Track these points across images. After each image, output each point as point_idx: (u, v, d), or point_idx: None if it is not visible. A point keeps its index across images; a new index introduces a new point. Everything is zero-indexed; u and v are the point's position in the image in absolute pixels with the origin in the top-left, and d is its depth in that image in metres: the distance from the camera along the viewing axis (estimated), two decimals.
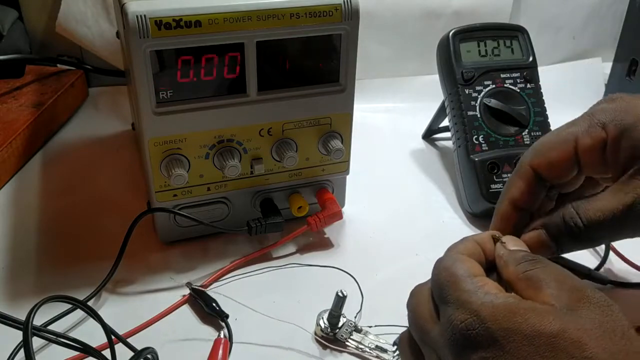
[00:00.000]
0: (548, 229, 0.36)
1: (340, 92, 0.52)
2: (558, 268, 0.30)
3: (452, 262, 0.32)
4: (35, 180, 0.64)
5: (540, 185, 0.37)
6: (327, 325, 0.45)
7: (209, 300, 0.47)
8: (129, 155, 0.68)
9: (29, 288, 0.50)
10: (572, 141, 0.36)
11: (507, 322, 0.27)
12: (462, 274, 0.30)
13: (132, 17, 0.43)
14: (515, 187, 0.37)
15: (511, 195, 0.38)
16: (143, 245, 0.54)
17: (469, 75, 0.62)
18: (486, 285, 0.29)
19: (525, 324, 0.27)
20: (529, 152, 0.38)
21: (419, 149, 0.73)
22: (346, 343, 0.45)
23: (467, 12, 0.82)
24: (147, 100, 0.47)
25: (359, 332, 0.46)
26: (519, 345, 0.26)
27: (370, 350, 0.44)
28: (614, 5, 0.89)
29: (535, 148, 0.38)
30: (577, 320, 0.27)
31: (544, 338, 0.26)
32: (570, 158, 0.36)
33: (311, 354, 0.45)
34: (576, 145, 0.36)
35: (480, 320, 0.27)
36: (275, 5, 0.46)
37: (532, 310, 0.27)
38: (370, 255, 0.55)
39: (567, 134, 0.36)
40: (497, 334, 0.27)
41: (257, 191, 0.55)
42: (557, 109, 0.65)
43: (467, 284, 0.29)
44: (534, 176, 0.37)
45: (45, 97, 0.72)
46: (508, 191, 0.38)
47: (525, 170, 0.37)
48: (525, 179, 0.37)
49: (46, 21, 0.80)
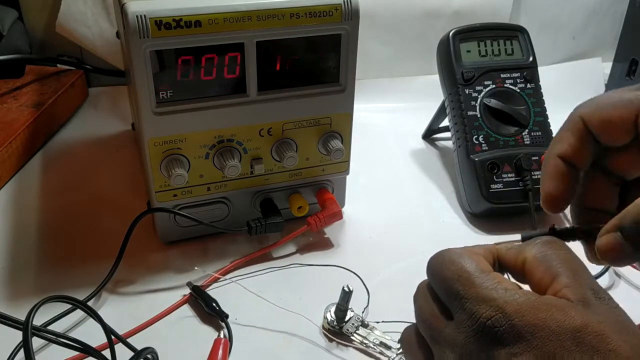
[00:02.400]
0: (624, 230, 0.31)
1: (340, 92, 0.52)
2: (574, 257, 0.30)
3: (458, 256, 0.31)
4: (35, 180, 0.64)
5: (591, 141, 0.33)
6: (333, 318, 0.46)
7: (209, 300, 0.47)
8: (129, 155, 0.68)
9: (29, 288, 0.50)
10: (637, 104, 0.32)
11: (533, 318, 0.27)
12: (472, 269, 0.30)
13: (132, 17, 0.43)
14: (563, 140, 0.33)
15: (558, 150, 0.33)
16: (143, 245, 0.54)
17: (469, 75, 0.62)
18: (504, 282, 0.29)
19: (550, 319, 0.27)
20: (582, 104, 0.34)
21: (419, 149, 0.73)
22: (352, 337, 0.45)
23: (467, 12, 0.82)
24: (147, 100, 0.47)
25: (365, 327, 0.46)
26: (545, 340, 0.26)
27: (375, 346, 0.45)
28: (614, 5, 0.89)
29: (592, 100, 0.33)
30: (596, 315, 0.27)
31: (569, 333, 0.26)
32: (630, 120, 0.32)
33: (317, 346, 0.45)
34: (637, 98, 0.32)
35: (506, 316, 0.27)
36: (275, 5, 0.46)
37: (554, 306, 0.27)
38: (370, 255, 0.55)
39: (631, 94, 0.32)
40: (523, 330, 0.27)
41: (257, 191, 0.55)
42: (557, 109, 0.65)
43: (483, 279, 0.29)
44: (585, 129, 0.33)
45: (45, 97, 0.72)
46: (554, 146, 0.34)
47: (575, 122, 0.33)
48: (575, 132, 0.33)
49: (46, 21, 0.80)
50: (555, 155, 0.33)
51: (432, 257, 0.32)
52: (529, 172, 0.58)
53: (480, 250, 0.32)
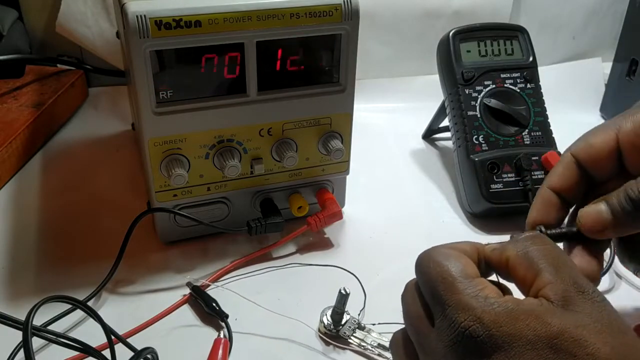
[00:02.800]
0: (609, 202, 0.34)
1: (340, 92, 0.52)
2: (557, 251, 0.30)
3: (445, 257, 0.31)
4: (35, 180, 0.64)
5: (581, 174, 0.36)
6: (330, 322, 0.46)
7: (209, 300, 0.47)
8: (129, 155, 0.68)
9: (29, 288, 0.50)
10: (614, 125, 0.35)
11: (510, 328, 0.27)
12: (456, 274, 0.30)
13: (132, 17, 0.43)
14: (555, 173, 0.37)
15: (550, 182, 0.37)
16: (143, 245, 0.54)
17: (469, 75, 0.62)
18: (486, 289, 0.29)
19: (527, 329, 0.27)
20: (575, 142, 0.37)
21: (419, 149, 0.73)
22: (349, 340, 0.45)
23: (467, 12, 0.82)
24: (147, 100, 0.47)
25: (362, 330, 0.46)
26: (522, 350, 0.26)
27: (373, 349, 0.45)
28: (614, 5, 0.89)
29: (582, 137, 0.37)
30: (575, 316, 0.27)
31: (545, 341, 0.26)
32: (611, 145, 0.35)
33: (314, 350, 0.45)
34: (618, 130, 0.35)
35: (484, 326, 0.27)
36: (275, 5, 0.46)
37: (532, 314, 0.27)
38: (370, 255, 0.55)
39: (610, 123, 0.36)
40: (500, 341, 0.27)
41: (257, 191, 0.55)
42: (557, 109, 0.65)
43: (465, 285, 0.29)
44: (575, 163, 0.36)
45: (45, 97, 0.72)
46: (548, 179, 0.37)
47: (566, 157, 0.37)
48: (566, 165, 0.36)
49: (46, 21, 0.80)
50: (546, 187, 0.36)
51: (420, 254, 0.32)
52: (529, 172, 0.58)
53: (467, 247, 0.33)
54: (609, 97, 0.79)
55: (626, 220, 0.33)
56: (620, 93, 0.76)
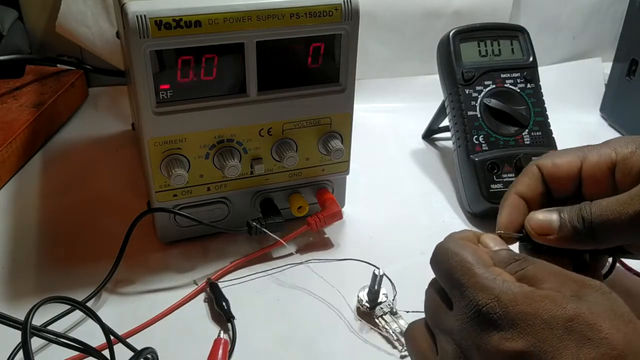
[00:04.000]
0: (562, 215, 0.36)
1: (340, 92, 0.52)
2: (547, 264, 0.32)
3: (461, 248, 0.33)
4: (35, 180, 0.64)
5: (544, 187, 0.39)
6: (366, 300, 0.47)
7: (221, 299, 0.48)
8: (129, 155, 0.68)
9: (28, 288, 0.50)
10: (581, 153, 0.38)
11: (526, 307, 0.28)
12: (474, 261, 0.31)
13: (132, 17, 0.43)
14: (522, 182, 0.40)
15: (518, 189, 0.39)
16: (143, 245, 0.54)
17: (469, 75, 0.62)
18: (503, 274, 0.31)
19: (543, 309, 0.28)
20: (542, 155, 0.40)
21: (419, 149, 0.73)
22: (376, 321, 0.46)
23: (467, 12, 0.82)
24: (147, 100, 0.47)
25: (393, 315, 0.47)
26: (537, 328, 0.28)
27: (393, 334, 0.45)
28: (614, 5, 0.89)
29: (550, 153, 0.40)
30: (589, 304, 0.28)
31: (560, 322, 0.27)
32: (574, 171, 0.38)
33: (314, 350, 0.45)
34: (584, 159, 0.38)
35: (501, 304, 0.29)
36: (275, 5, 0.46)
37: (548, 297, 0.29)
38: (370, 255, 0.55)
39: (578, 150, 0.39)
40: (516, 318, 0.28)
41: (257, 191, 0.55)
42: (557, 109, 0.65)
43: (484, 271, 0.31)
44: (539, 175, 0.39)
45: (45, 97, 0.72)
46: (516, 185, 0.40)
47: (532, 169, 0.40)
48: (532, 176, 0.39)
49: (46, 21, 0.80)
50: (513, 192, 0.39)
51: (437, 246, 0.34)
52: None
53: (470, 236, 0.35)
54: (609, 97, 0.79)
55: (571, 236, 0.35)
56: (620, 93, 0.76)
